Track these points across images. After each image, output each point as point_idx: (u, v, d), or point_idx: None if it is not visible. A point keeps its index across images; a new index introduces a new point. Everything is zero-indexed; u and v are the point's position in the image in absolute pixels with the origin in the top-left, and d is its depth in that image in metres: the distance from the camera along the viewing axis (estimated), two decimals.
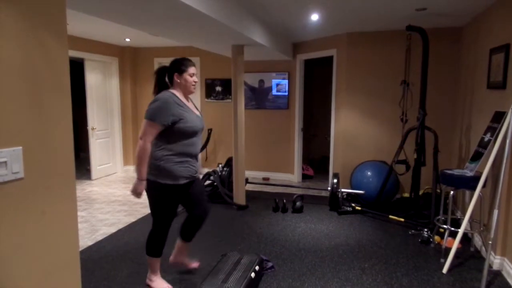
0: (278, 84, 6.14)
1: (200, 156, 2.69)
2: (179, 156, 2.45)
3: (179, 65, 2.50)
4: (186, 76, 2.50)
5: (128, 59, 6.59)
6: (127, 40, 5.87)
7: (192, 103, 2.65)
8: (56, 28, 1.28)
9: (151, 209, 2.55)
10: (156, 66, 6.67)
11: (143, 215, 4.34)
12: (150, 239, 2.59)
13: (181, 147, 2.45)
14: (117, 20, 3.14)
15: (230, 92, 6.39)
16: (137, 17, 3.01)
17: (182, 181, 2.47)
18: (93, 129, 6.04)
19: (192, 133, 2.49)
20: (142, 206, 4.69)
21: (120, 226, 3.96)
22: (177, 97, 2.46)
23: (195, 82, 2.54)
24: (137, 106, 6.84)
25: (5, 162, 1.15)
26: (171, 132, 2.41)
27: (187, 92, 2.55)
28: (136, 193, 2.41)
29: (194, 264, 2.93)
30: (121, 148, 6.65)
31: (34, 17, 1.20)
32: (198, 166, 2.63)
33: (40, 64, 1.23)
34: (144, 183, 2.41)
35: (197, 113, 2.61)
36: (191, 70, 2.51)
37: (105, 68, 6.29)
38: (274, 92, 6.19)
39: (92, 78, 5.99)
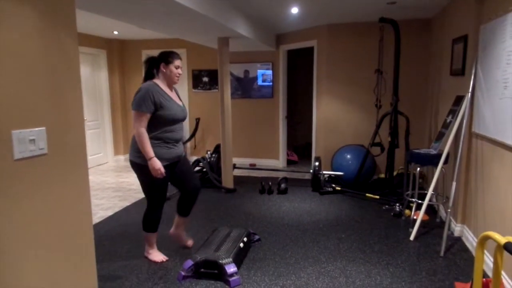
0: (264, 74, 6.41)
1: (184, 141, 2.91)
2: (162, 141, 2.71)
3: (166, 56, 2.74)
4: (171, 67, 2.73)
5: (116, 52, 6.76)
6: (115, 32, 6.03)
7: (175, 94, 2.88)
8: (69, 26, 1.52)
9: (143, 190, 2.81)
10: (144, 58, 6.85)
11: (137, 199, 4.60)
12: (146, 217, 2.86)
13: (163, 133, 2.71)
14: (106, 14, 3.32)
15: (216, 82, 6.64)
16: (126, 11, 3.22)
17: (164, 163, 2.71)
18: (84, 120, 6.22)
19: (173, 121, 2.72)
20: (135, 192, 4.94)
21: (116, 209, 4.22)
22: (159, 86, 2.70)
23: (179, 74, 2.79)
24: (125, 98, 7.02)
25: (34, 139, 1.41)
26: (153, 119, 2.66)
27: (171, 82, 2.79)
28: (156, 172, 2.60)
29: (189, 242, 3.19)
30: (111, 138, 6.85)
31: (51, 17, 1.44)
32: (181, 148, 2.87)
33: (58, 58, 1.48)
34: (155, 159, 2.61)
35: (179, 103, 2.83)
36: (177, 62, 2.76)
37: (94, 60, 6.45)
38: (260, 82, 6.46)
39: (81, 70, 6.15)
